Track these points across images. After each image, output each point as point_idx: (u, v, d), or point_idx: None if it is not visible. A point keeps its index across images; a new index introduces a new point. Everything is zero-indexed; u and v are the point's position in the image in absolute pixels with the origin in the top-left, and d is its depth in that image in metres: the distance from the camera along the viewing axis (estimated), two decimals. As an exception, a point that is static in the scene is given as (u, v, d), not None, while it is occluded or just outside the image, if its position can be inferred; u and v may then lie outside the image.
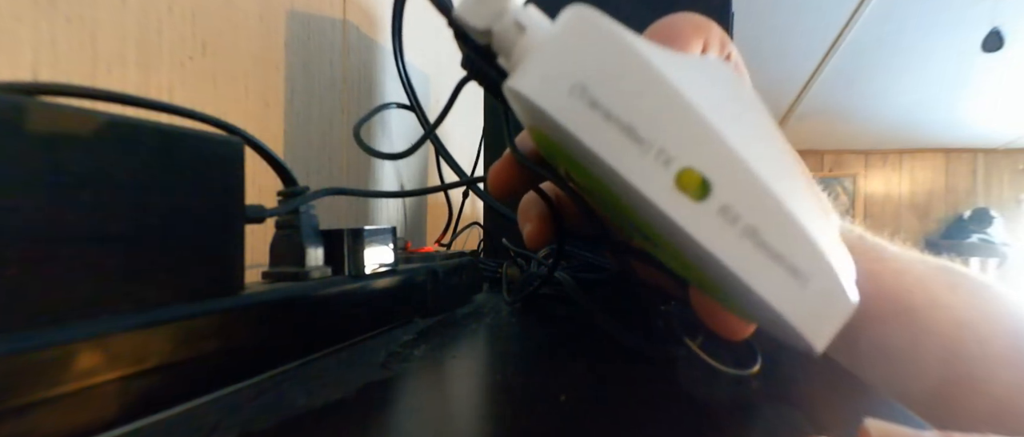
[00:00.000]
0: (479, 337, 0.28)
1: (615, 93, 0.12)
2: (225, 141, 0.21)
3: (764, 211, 0.11)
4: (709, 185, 0.11)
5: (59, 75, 0.28)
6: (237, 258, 0.21)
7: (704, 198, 0.11)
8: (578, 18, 0.12)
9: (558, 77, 0.12)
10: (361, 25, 0.57)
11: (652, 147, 0.12)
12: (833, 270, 0.12)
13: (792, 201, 0.12)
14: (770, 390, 0.20)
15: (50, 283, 0.15)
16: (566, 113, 0.12)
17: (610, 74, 0.12)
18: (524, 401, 0.18)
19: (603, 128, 0.12)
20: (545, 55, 0.12)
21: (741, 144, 0.12)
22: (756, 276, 0.12)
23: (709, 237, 0.12)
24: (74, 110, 0.16)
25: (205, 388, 0.18)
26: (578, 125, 0.12)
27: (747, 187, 0.11)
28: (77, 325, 0.15)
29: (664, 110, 0.11)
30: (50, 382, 0.14)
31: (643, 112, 0.11)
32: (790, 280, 0.12)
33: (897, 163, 4.39)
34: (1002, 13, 2.04)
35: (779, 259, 0.12)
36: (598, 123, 0.12)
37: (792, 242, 0.12)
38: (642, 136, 0.12)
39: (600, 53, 0.12)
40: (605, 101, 0.12)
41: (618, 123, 0.12)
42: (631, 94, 0.12)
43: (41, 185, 0.15)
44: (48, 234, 0.15)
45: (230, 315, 0.19)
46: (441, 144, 0.27)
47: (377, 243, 0.30)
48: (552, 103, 0.12)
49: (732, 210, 0.11)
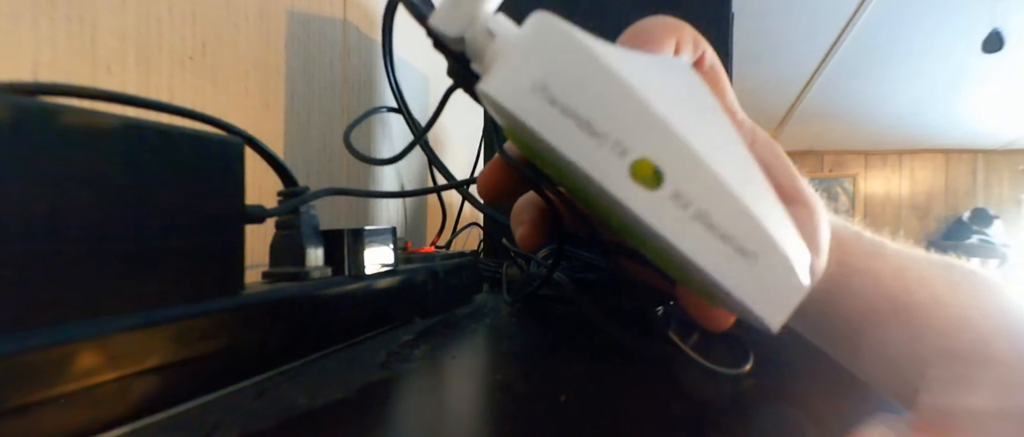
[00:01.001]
0: (479, 337, 0.28)
1: (573, 90, 0.12)
2: (225, 141, 0.21)
3: (712, 195, 0.12)
4: (661, 173, 0.12)
5: (59, 75, 0.28)
6: (237, 258, 0.21)
7: (658, 186, 0.12)
8: (540, 23, 0.13)
9: (521, 77, 0.13)
10: (361, 25, 0.57)
11: (608, 140, 0.12)
12: (780, 249, 0.12)
13: (740, 187, 0.12)
14: (769, 389, 0.20)
15: (50, 283, 0.15)
16: (528, 111, 0.13)
17: (568, 73, 0.12)
18: (524, 401, 0.18)
19: (563, 124, 0.12)
20: (509, 58, 0.13)
21: (691, 134, 0.12)
22: (708, 257, 0.12)
23: (663, 222, 0.12)
24: (74, 110, 0.16)
25: (205, 388, 0.18)
26: (540, 122, 0.12)
27: (696, 173, 0.12)
28: (77, 325, 0.15)
29: (617, 104, 0.12)
30: (50, 382, 0.14)
31: (598, 107, 0.12)
32: (739, 259, 0.12)
33: (897, 163, 4.39)
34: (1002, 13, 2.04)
35: (728, 240, 0.12)
36: (558, 119, 0.12)
37: (739, 224, 0.12)
38: (598, 130, 0.12)
39: (559, 54, 0.13)
40: (563, 98, 0.12)
41: (576, 118, 0.12)
42: (587, 91, 0.12)
43: (41, 185, 0.15)
44: (48, 234, 0.15)
45: (230, 315, 0.19)
46: (431, 151, 0.28)
47: (377, 243, 0.30)
48: (516, 102, 0.13)
49: (683, 196, 0.12)
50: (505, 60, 0.13)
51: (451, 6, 0.16)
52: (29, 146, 0.14)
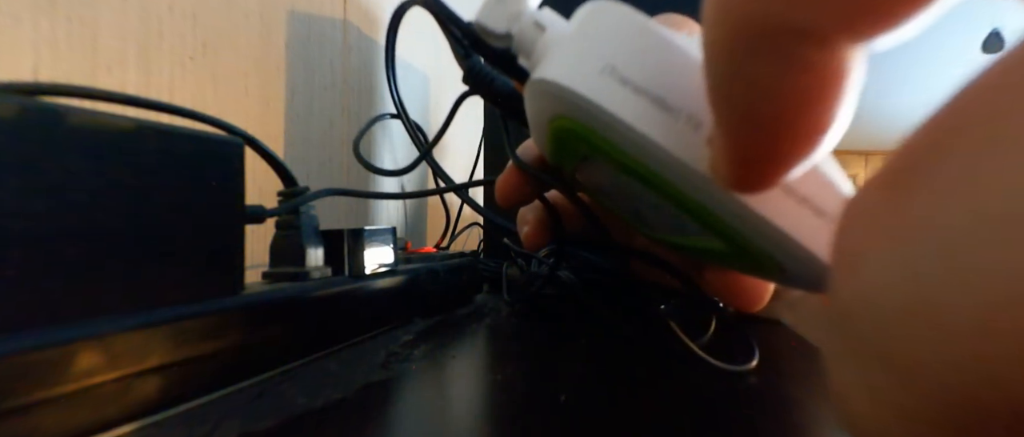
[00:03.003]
0: (479, 337, 0.28)
1: (642, 69, 0.13)
2: (225, 141, 0.21)
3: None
4: None
5: (59, 75, 0.28)
6: (237, 258, 0.21)
7: None
8: (598, 9, 0.13)
9: (588, 61, 0.13)
10: (362, 25, 0.57)
11: (681, 114, 0.12)
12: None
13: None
14: (769, 389, 0.20)
15: (50, 283, 0.15)
16: (600, 92, 0.13)
17: (636, 52, 0.13)
18: (524, 401, 0.18)
19: (635, 102, 0.12)
20: (572, 44, 0.13)
21: None
22: (787, 220, 0.13)
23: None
24: (74, 110, 0.16)
25: (205, 388, 0.18)
26: (613, 101, 0.13)
27: None
28: (77, 325, 0.15)
29: (688, 79, 0.12)
30: (50, 382, 0.14)
31: (669, 83, 0.12)
32: (816, 220, 0.13)
33: (897, 164, 4.39)
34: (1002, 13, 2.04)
35: (807, 202, 0.13)
36: (631, 98, 0.13)
37: (819, 186, 0.13)
38: (671, 105, 0.12)
39: (624, 35, 0.13)
40: (634, 77, 0.13)
41: (648, 96, 0.12)
42: (656, 68, 0.12)
43: (41, 185, 0.15)
44: (48, 234, 0.15)
45: (230, 315, 0.19)
46: (436, 164, 0.28)
47: (377, 243, 0.30)
48: (585, 85, 0.13)
49: None
50: (564, 48, 0.13)
51: (497, 2, 0.16)
52: (29, 146, 0.14)
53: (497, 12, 0.16)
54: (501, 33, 0.16)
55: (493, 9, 0.16)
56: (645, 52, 0.13)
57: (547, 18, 0.16)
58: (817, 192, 0.13)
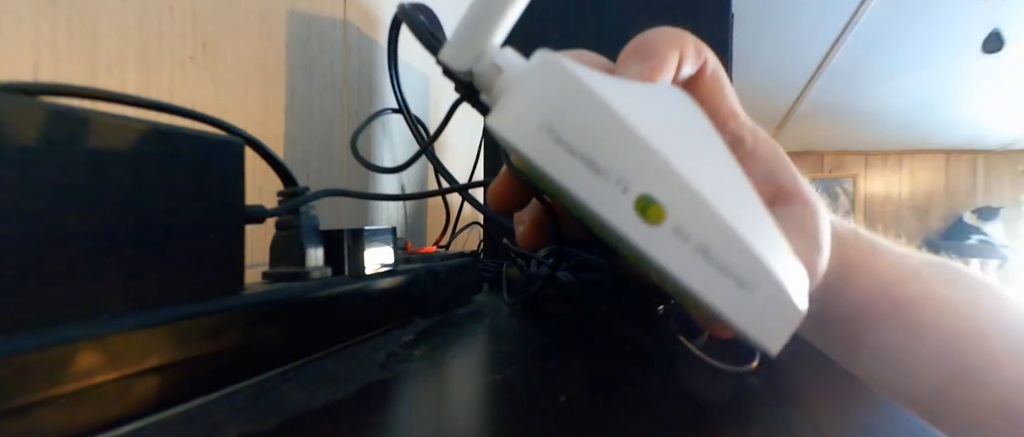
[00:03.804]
0: (479, 337, 0.29)
1: (577, 130, 0.13)
2: (225, 141, 0.21)
3: (712, 229, 0.13)
4: (663, 209, 0.13)
5: (59, 75, 0.28)
6: (237, 258, 0.21)
7: (660, 222, 0.13)
8: (544, 62, 0.14)
9: (528, 117, 0.13)
10: (362, 25, 0.57)
11: (611, 177, 0.13)
12: (778, 279, 0.13)
13: (738, 218, 0.13)
14: (769, 389, 0.20)
15: (50, 283, 0.15)
16: (536, 150, 0.13)
17: (572, 113, 0.13)
18: (524, 401, 0.18)
19: (568, 162, 0.13)
20: (517, 97, 0.14)
21: (689, 168, 0.13)
22: (708, 289, 0.13)
23: (666, 257, 0.13)
24: (75, 110, 0.16)
25: (205, 388, 0.18)
26: (547, 160, 0.13)
27: (696, 208, 0.13)
28: (77, 325, 0.15)
29: (619, 143, 0.13)
30: (50, 382, 0.14)
31: (602, 146, 0.13)
32: (738, 290, 0.13)
33: (897, 164, 4.39)
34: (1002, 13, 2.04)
35: (727, 272, 0.13)
36: (564, 157, 0.13)
37: (738, 256, 0.13)
38: (602, 168, 0.13)
39: (563, 94, 0.13)
40: (569, 137, 0.13)
41: (581, 157, 0.13)
42: (590, 130, 0.13)
43: (41, 185, 0.15)
44: (48, 234, 0.15)
45: (230, 315, 0.19)
46: (437, 160, 0.28)
47: (377, 243, 0.30)
48: (524, 141, 0.13)
49: (684, 230, 0.13)
50: (512, 97, 0.14)
51: (459, 42, 0.17)
52: (29, 146, 0.14)
53: (459, 52, 0.17)
54: (462, 71, 0.17)
55: (456, 48, 0.17)
56: (582, 113, 0.13)
57: (505, 60, 0.16)
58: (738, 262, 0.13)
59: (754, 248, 0.13)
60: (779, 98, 3.13)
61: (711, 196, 0.13)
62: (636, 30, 0.19)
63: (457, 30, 0.17)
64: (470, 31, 0.16)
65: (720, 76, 0.21)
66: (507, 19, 0.16)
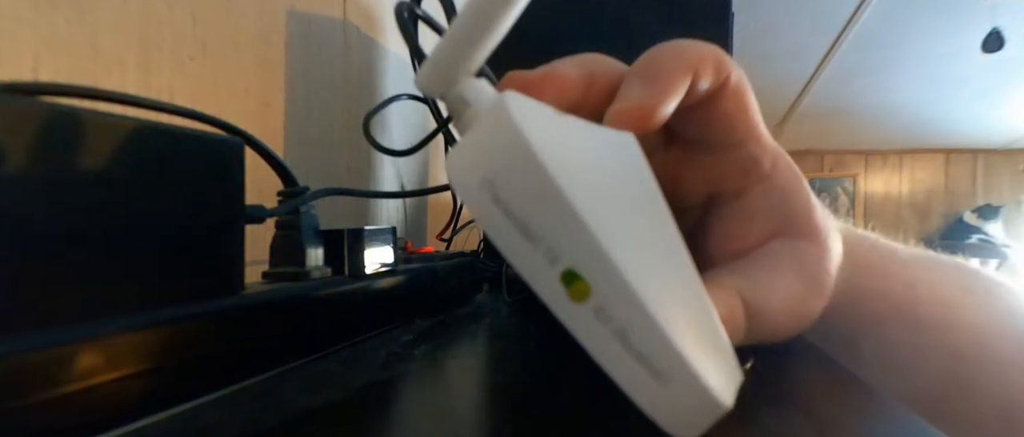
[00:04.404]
0: (479, 337, 0.29)
1: (514, 192, 0.12)
2: (225, 141, 0.21)
3: (632, 315, 0.12)
4: (588, 287, 0.12)
5: (59, 75, 0.28)
6: (237, 258, 0.21)
7: (584, 299, 0.12)
8: (497, 111, 0.13)
9: (473, 169, 0.13)
10: (361, 25, 0.57)
11: (541, 245, 0.12)
12: (694, 373, 0.13)
13: (664, 305, 0.13)
14: (769, 390, 0.20)
15: (50, 283, 0.15)
16: (476, 205, 0.13)
17: (511, 174, 0.13)
18: (524, 401, 0.18)
19: (504, 223, 0.13)
20: (468, 143, 0.13)
21: (621, 248, 0.12)
22: (622, 375, 0.13)
23: (585, 335, 0.13)
24: (75, 110, 0.16)
25: (205, 388, 0.18)
26: (484, 217, 0.13)
27: (618, 291, 0.12)
28: (77, 325, 0.15)
29: (552, 211, 0.12)
30: (50, 382, 0.14)
31: (535, 212, 0.12)
32: (652, 380, 0.13)
33: (897, 163, 4.39)
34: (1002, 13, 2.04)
35: (643, 360, 0.13)
36: (500, 218, 0.13)
37: (655, 346, 0.12)
38: (534, 234, 0.12)
39: (505, 152, 0.13)
40: (506, 198, 0.13)
41: (515, 220, 0.12)
42: (526, 194, 0.12)
43: (41, 185, 0.15)
44: (48, 234, 0.15)
45: (230, 315, 0.19)
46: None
47: (377, 243, 0.30)
48: (466, 194, 0.13)
49: (605, 312, 0.12)
50: (466, 142, 0.13)
51: (432, 68, 0.16)
52: (29, 146, 0.14)
53: (431, 79, 0.16)
54: (435, 97, 0.17)
55: (429, 74, 0.16)
56: (520, 176, 0.12)
57: (473, 93, 0.16)
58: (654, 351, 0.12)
59: (672, 339, 0.12)
60: (779, 98, 3.13)
61: (637, 280, 0.12)
62: (635, 30, 0.18)
63: (431, 55, 0.16)
64: (442, 57, 0.16)
65: (742, 94, 0.19)
66: (482, 48, 0.16)
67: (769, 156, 0.20)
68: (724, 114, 0.19)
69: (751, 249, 0.21)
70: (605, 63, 0.19)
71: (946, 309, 0.24)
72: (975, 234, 3.89)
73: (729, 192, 0.21)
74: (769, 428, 0.17)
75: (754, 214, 0.21)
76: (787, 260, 0.20)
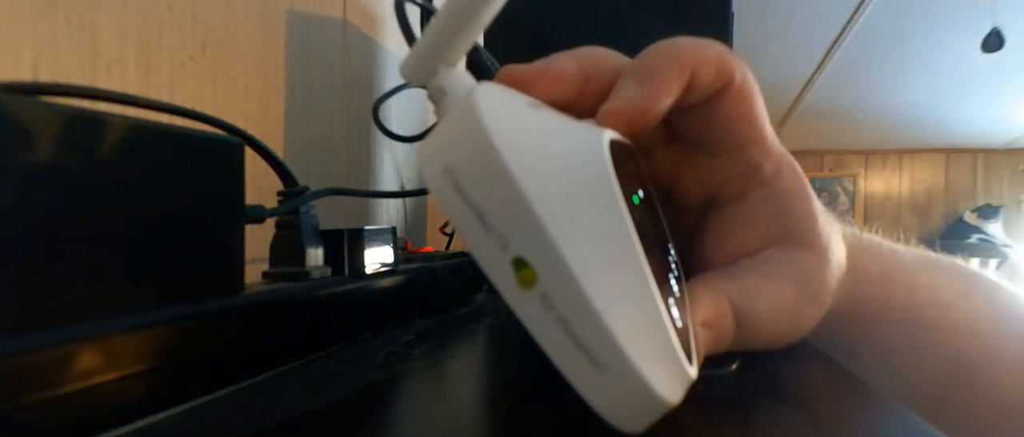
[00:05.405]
0: (479, 337, 0.29)
1: (473, 181, 0.13)
2: (225, 141, 0.21)
3: (575, 304, 0.13)
4: (535, 274, 0.13)
5: (59, 75, 0.28)
6: (237, 258, 0.21)
7: (531, 286, 0.13)
8: (467, 103, 0.13)
9: (438, 156, 0.13)
10: (361, 25, 0.57)
11: (495, 233, 0.13)
12: (632, 365, 0.13)
13: (607, 299, 0.13)
14: (768, 388, 0.20)
15: (50, 283, 0.15)
16: (439, 191, 0.13)
17: (471, 163, 0.13)
18: (524, 401, 0.18)
19: (463, 209, 0.13)
20: (439, 132, 0.14)
21: (568, 238, 0.13)
22: (565, 362, 0.13)
23: (530, 321, 0.13)
24: (74, 110, 0.16)
25: (205, 388, 0.18)
26: (445, 203, 0.13)
27: (562, 280, 0.13)
28: (77, 325, 0.15)
29: (506, 202, 0.13)
30: (50, 382, 0.14)
31: (490, 200, 0.13)
32: (591, 369, 0.13)
33: (897, 163, 4.39)
34: (1002, 13, 2.04)
35: (583, 349, 0.13)
36: (460, 205, 0.13)
37: (594, 335, 0.13)
38: (488, 222, 0.13)
39: (468, 142, 0.13)
40: (465, 186, 0.13)
41: (472, 207, 0.13)
42: (484, 183, 0.13)
43: (41, 185, 0.15)
44: (48, 234, 0.15)
45: (230, 315, 0.19)
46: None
47: (377, 243, 0.30)
48: (431, 180, 0.13)
49: (549, 299, 0.13)
50: (438, 130, 0.14)
51: (414, 59, 0.17)
52: (29, 146, 0.14)
53: (414, 68, 0.17)
54: (418, 85, 0.17)
55: (412, 64, 0.17)
56: (479, 166, 0.13)
57: (451, 83, 0.17)
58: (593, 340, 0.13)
59: (612, 330, 0.12)
60: (779, 98, 3.13)
61: (581, 270, 0.12)
62: (635, 30, 0.18)
63: (414, 46, 0.17)
64: (424, 49, 0.17)
65: (747, 96, 0.19)
66: (460, 41, 0.16)
67: (772, 161, 0.20)
68: (726, 116, 0.19)
69: (749, 254, 0.21)
70: (603, 58, 0.18)
71: (946, 311, 0.24)
72: (975, 234, 3.89)
73: (728, 195, 0.21)
74: (769, 428, 0.17)
75: (753, 219, 0.21)
76: (784, 269, 0.20)
